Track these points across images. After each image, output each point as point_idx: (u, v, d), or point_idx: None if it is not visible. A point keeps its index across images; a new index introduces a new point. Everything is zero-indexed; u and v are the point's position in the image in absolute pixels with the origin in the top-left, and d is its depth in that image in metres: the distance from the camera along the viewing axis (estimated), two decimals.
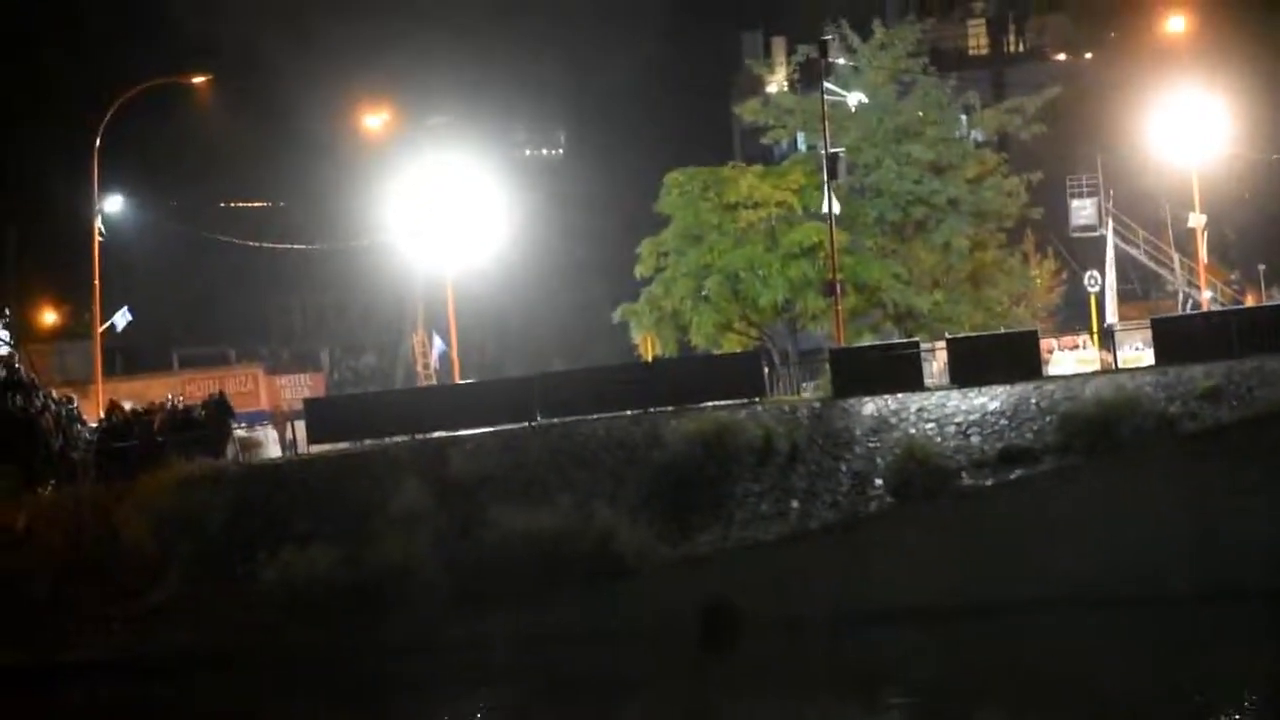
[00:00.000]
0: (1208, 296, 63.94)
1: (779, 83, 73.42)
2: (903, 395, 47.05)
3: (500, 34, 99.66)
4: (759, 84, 71.66)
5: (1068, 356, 54.52)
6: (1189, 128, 60.33)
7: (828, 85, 54.34)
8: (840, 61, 57.29)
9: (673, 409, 48.14)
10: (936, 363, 51.26)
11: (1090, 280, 63.82)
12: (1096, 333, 58.70)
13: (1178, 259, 67.17)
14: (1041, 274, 66.45)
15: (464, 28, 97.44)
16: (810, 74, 58.00)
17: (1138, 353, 51.73)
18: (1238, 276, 71.97)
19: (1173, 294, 68.31)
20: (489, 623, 43.09)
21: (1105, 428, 43.84)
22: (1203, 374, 45.16)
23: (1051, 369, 51.26)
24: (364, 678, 42.58)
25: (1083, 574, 41.53)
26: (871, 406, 46.87)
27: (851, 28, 59.62)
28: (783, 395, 52.07)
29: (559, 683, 40.89)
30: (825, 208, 52.61)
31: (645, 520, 44.99)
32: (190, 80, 65.36)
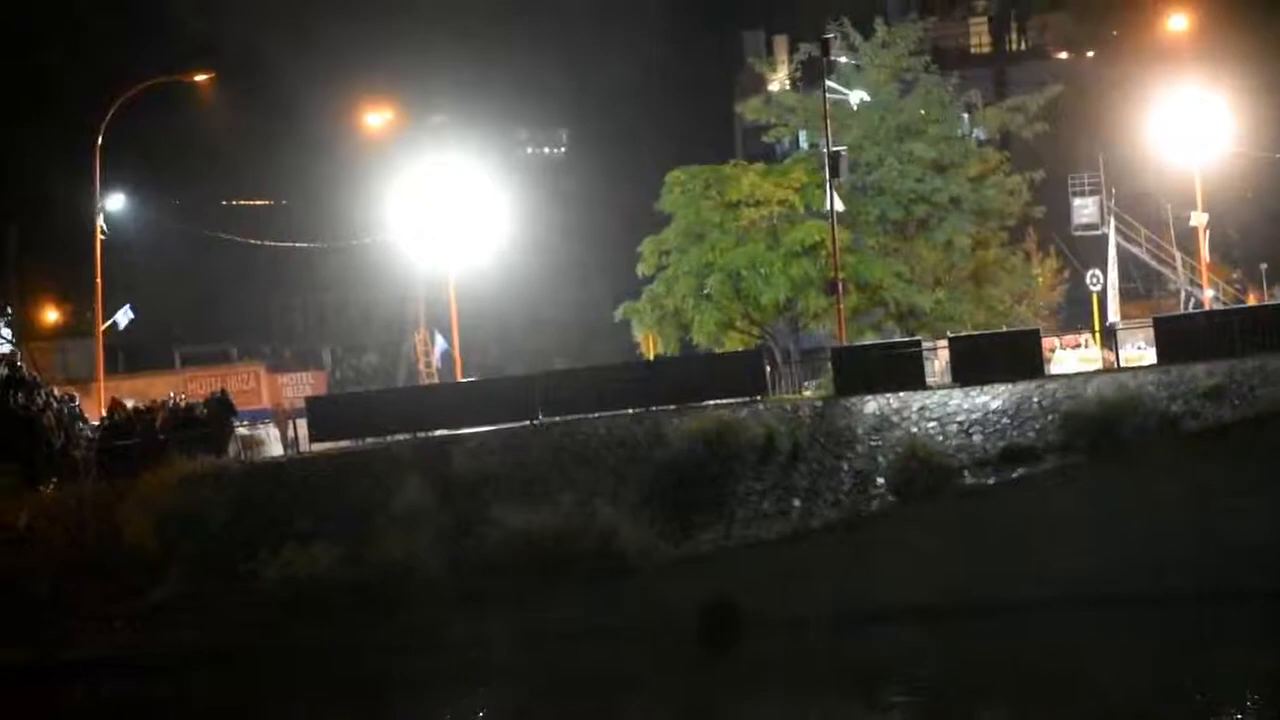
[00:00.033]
0: (1210, 295, 63.92)
1: (781, 81, 73.38)
2: (905, 394, 47.05)
3: (502, 33, 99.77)
4: (761, 82, 71.61)
5: (1070, 355, 54.44)
6: (1191, 126, 60.33)
7: (829, 83, 54.33)
8: (842, 60, 57.24)
9: (674, 407, 48.14)
10: (938, 361, 51.22)
11: (1092, 279, 63.81)
12: (1098, 331, 58.65)
13: (1180, 257, 67.14)
14: (1043, 273, 66.47)
15: (466, 27, 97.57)
16: (812, 72, 57.95)
17: (1140, 351, 51.72)
18: (1240, 275, 72.02)
19: (1175, 293, 68.30)
20: (491, 621, 43.09)
21: (1107, 427, 43.82)
22: (1205, 373, 45.13)
23: (1053, 368, 51.23)
24: (366, 676, 42.58)
25: (1084, 573, 41.53)
26: (873, 405, 46.87)
27: (853, 26, 59.52)
28: (784, 394, 52.03)
29: (561, 681, 40.89)
30: (828, 206, 52.57)
31: (647, 519, 45.00)
32: (192, 79, 65.32)
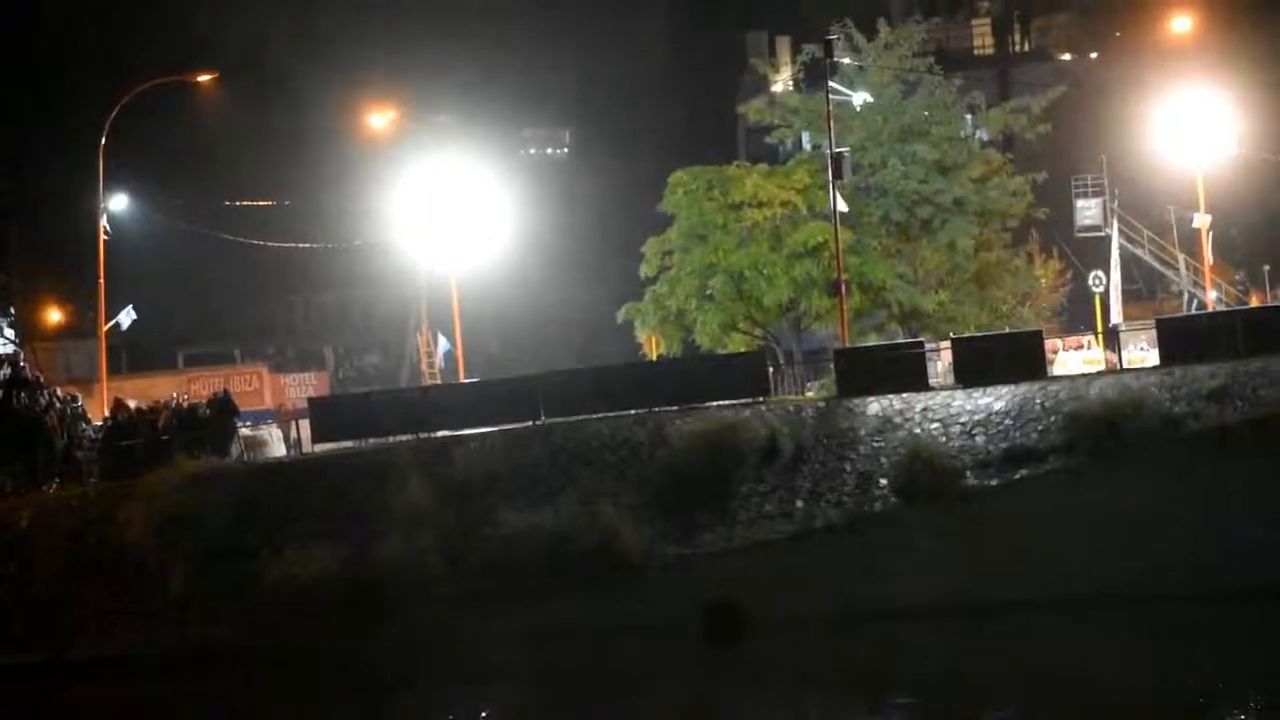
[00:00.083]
0: (1212, 296, 63.88)
1: (784, 82, 73.40)
2: (907, 395, 47.00)
3: (506, 33, 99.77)
4: (764, 83, 71.57)
5: (1073, 357, 54.39)
6: (1194, 127, 60.26)
7: (833, 85, 54.29)
8: (845, 61, 57.20)
9: (677, 408, 48.04)
10: (941, 363, 51.20)
11: (1095, 280, 63.82)
12: (1101, 333, 58.64)
13: (1182, 259, 67.13)
14: (1046, 274, 66.43)
15: (470, 27, 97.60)
16: (815, 73, 57.86)
17: (1142, 353, 51.68)
18: (1242, 276, 72.01)
19: (1177, 294, 68.29)
20: (493, 621, 43.10)
21: (1110, 428, 43.77)
22: (1208, 374, 45.08)
23: (1056, 369, 51.18)
24: (368, 676, 42.58)
25: (1087, 574, 41.49)
26: (876, 406, 46.83)
27: (857, 27, 59.50)
28: (787, 395, 51.99)
29: (563, 681, 40.89)
30: (831, 207, 52.55)
31: (649, 519, 44.96)
32: (195, 78, 65.34)
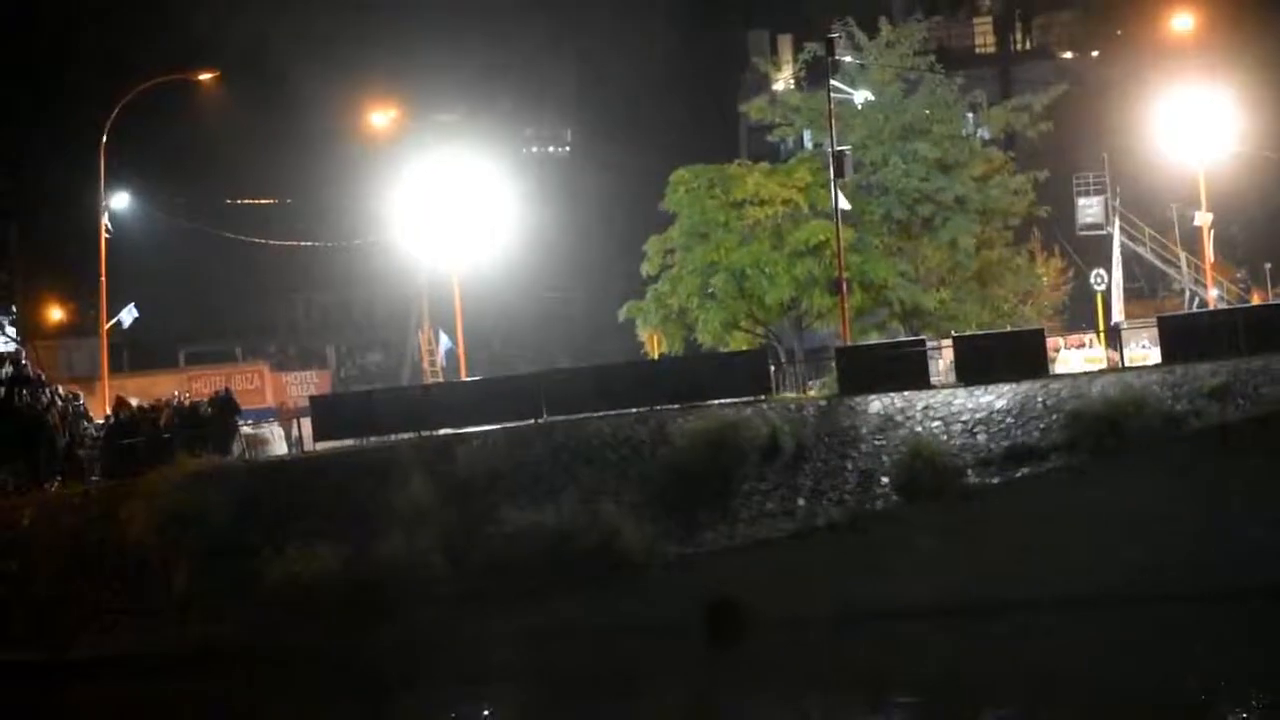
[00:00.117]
0: (1214, 294, 63.87)
1: (785, 81, 73.42)
2: (909, 393, 46.98)
3: (508, 32, 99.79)
4: (765, 82, 71.59)
5: (1074, 355, 54.37)
6: (1195, 125, 60.28)
7: (834, 83, 54.25)
8: (847, 59, 57.17)
9: (679, 407, 48.04)
10: (943, 361, 51.18)
11: (1096, 278, 63.81)
12: (1103, 331, 58.62)
13: (1184, 257, 67.12)
14: (1048, 272, 66.39)
15: (471, 25, 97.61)
16: (816, 72, 57.82)
17: (1144, 351, 51.63)
18: (1244, 274, 71.98)
19: (1179, 292, 68.30)
20: (494, 621, 43.09)
21: (1112, 426, 43.75)
22: (1209, 372, 45.06)
23: (1058, 367, 51.16)
24: (370, 675, 42.57)
25: (1089, 573, 41.46)
26: (878, 404, 46.82)
27: (858, 26, 59.47)
28: (789, 393, 51.96)
29: (564, 681, 40.87)
30: (833, 205, 52.53)
31: (651, 518, 44.95)
32: (197, 77, 65.35)
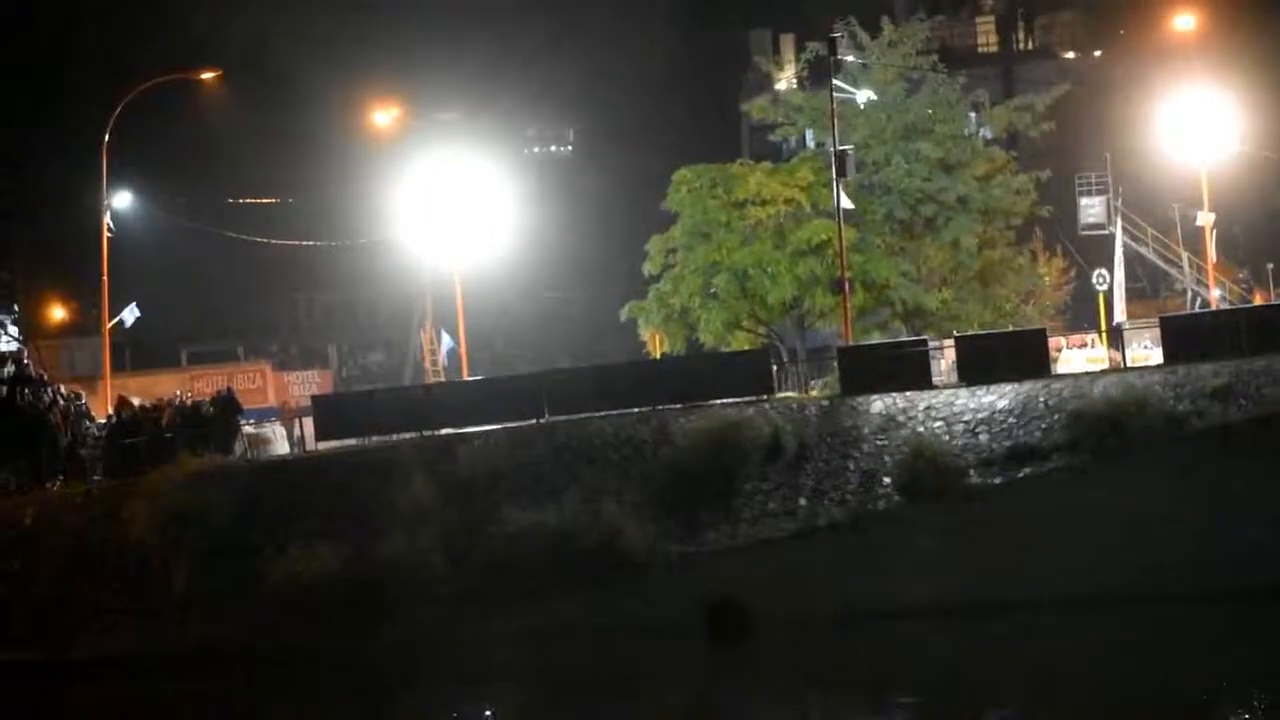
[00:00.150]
0: (1216, 295, 63.83)
1: (788, 80, 73.34)
2: (911, 393, 46.95)
3: (510, 31, 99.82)
4: (768, 81, 71.58)
5: (1076, 355, 54.38)
6: (1198, 125, 60.24)
7: (836, 83, 54.19)
8: (849, 59, 57.09)
9: (680, 406, 48.03)
10: (945, 361, 51.17)
11: (1098, 278, 63.75)
12: (1105, 331, 58.61)
13: (1186, 257, 67.07)
14: (1050, 272, 66.39)
15: (474, 24, 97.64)
16: (819, 71, 57.72)
17: (1146, 351, 51.65)
18: (1246, 275, 71.92)
19: (1181, 292, 68.25)
20: (494, 621, 43.07)
21: (1114, 426, 43.74)
22: (1211, 373, 45.05)
23: (1060, 367, 51.15)
24: (370, 675, 42.56)
25: (1090, 573, 41.42)
26: (880, 404, 46.80)
27: (860, 25, 59.46)
28: (791, 393, 51.97)
29: (565, 681, 40.86)
30: (835, 205, 52.51)
31: (652, 517, 44.92)
32: (199, 76, 65.35)
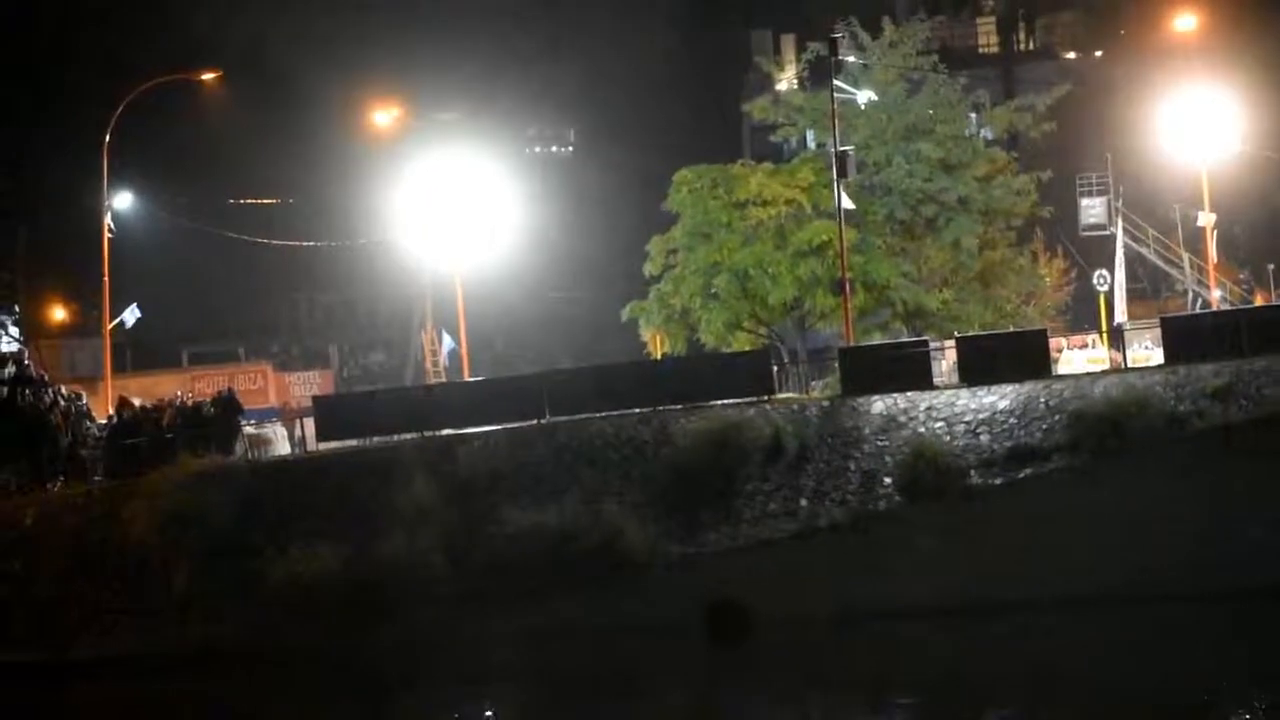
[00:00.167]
0: (1217, 295, 63.84)
1: (788, 80, 73.37)
2: (912, 394, 46.95)
3: (511, 31, 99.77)
4: (768, 82, 71.58)
5: (1077, 355, 54.38)
6: (1199, 126, 60.24)
7: (837, 83, 54.18)
8: (850, 59, 57.08)
9: (681, 407, 48.04)
10: (945, 361, 51.17)
11: (1099, 279, 63.75)
12: (1106, 332, 58.62)
13: (1187, 258, 67.07)
14: (1051, 273, 66.39)
15: (475, 24, 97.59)
16: (820, 72, 57.72)
17: (1147, 352, 51.65)
18: (1247, 275, 71.91)
19: (1182, 293, 68.26)
20: (495, 621, 43.08)
21: (1114, 427, 43.74)
22: (1212, 373, 45.04)
23: (1061, 368, 51.17)
24: (370, 675, 42.57)
25: (1091, 573, 41.43)
26: (880, 405, 46.80)
27: (861, 25, 59.47)
28: (791, 393, 51.97)
29: (565, 681, 40.86)
30: (836, 205, 52.52)
31: (653, 518, 44.95)
32: (200, 76, 65.36)
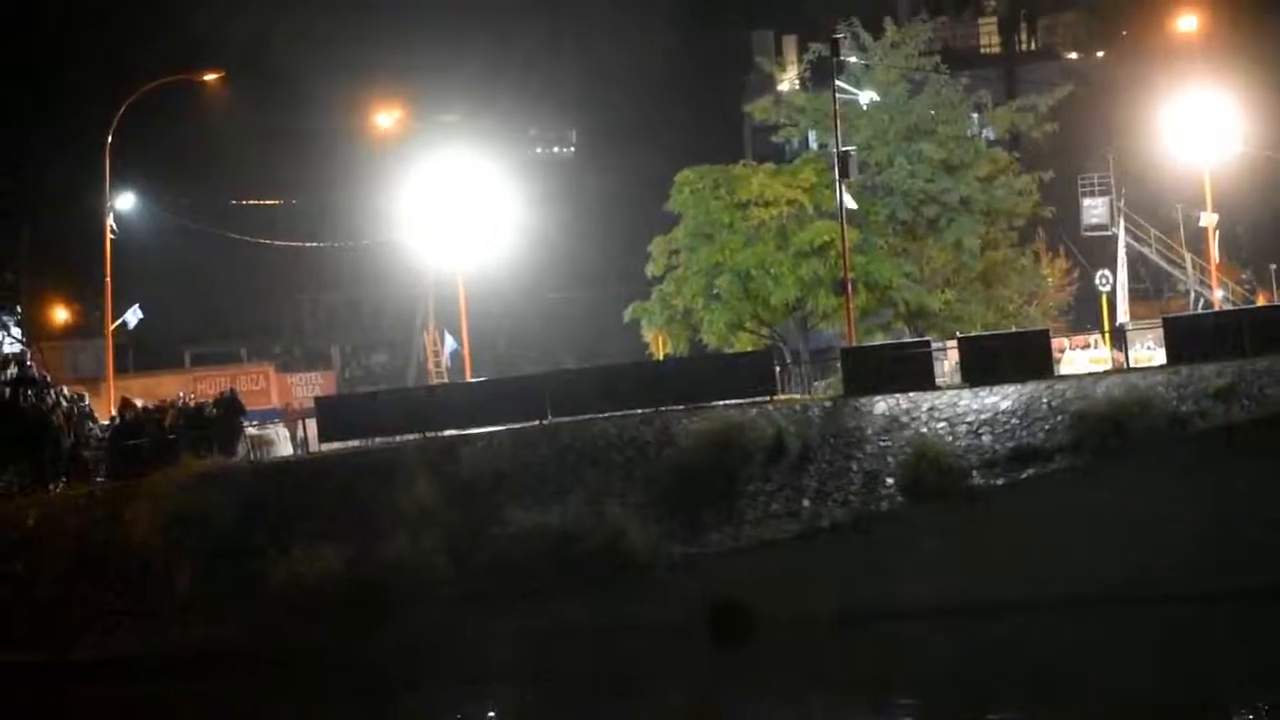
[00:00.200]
0: (1219, 295, 63.81)
1: (790, 81, 73.36)
2: (914, 394, 46.97)
3: (512, 32, 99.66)
4: (770, 82, 71.55)
5: (1079, 356, 54.36)
6: (1201, 126, 60.22)
7: (839, 84, 54.17)
8: (852, 60, 57.08)
9: (684, 408, 48.08)
10: (948, 362, 51.20)
11: (1101, 279, 63.68)
12: (1108, 332, 58.60)
13: (1189, 258, 67.03)
14: (1053, 273, 66.34)
15: (476, 25, 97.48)
16: (821, 72, 57.70)
17: (1149, 352, 51.64)
18: (1249, 275, 71.83)
19: (1184, 293, 68.20)
20: (499, 621, 43.10)
21: (1117, 427, 43.76)
22: (1215, 373, 45.06)
23: (1063, 368, 51.14)
24: (374, 677, 42.58)
25: (1093, 574, 41.43)
26: (883, 405, 46.81)
27: (863, 26, 59.47)
28: (794, 394, 51.99)
29: (568, 682, 40.89)
30: (838, 206, 52.53)
31: (656, 518, 44.98)
32: (202, 77, 65.37)
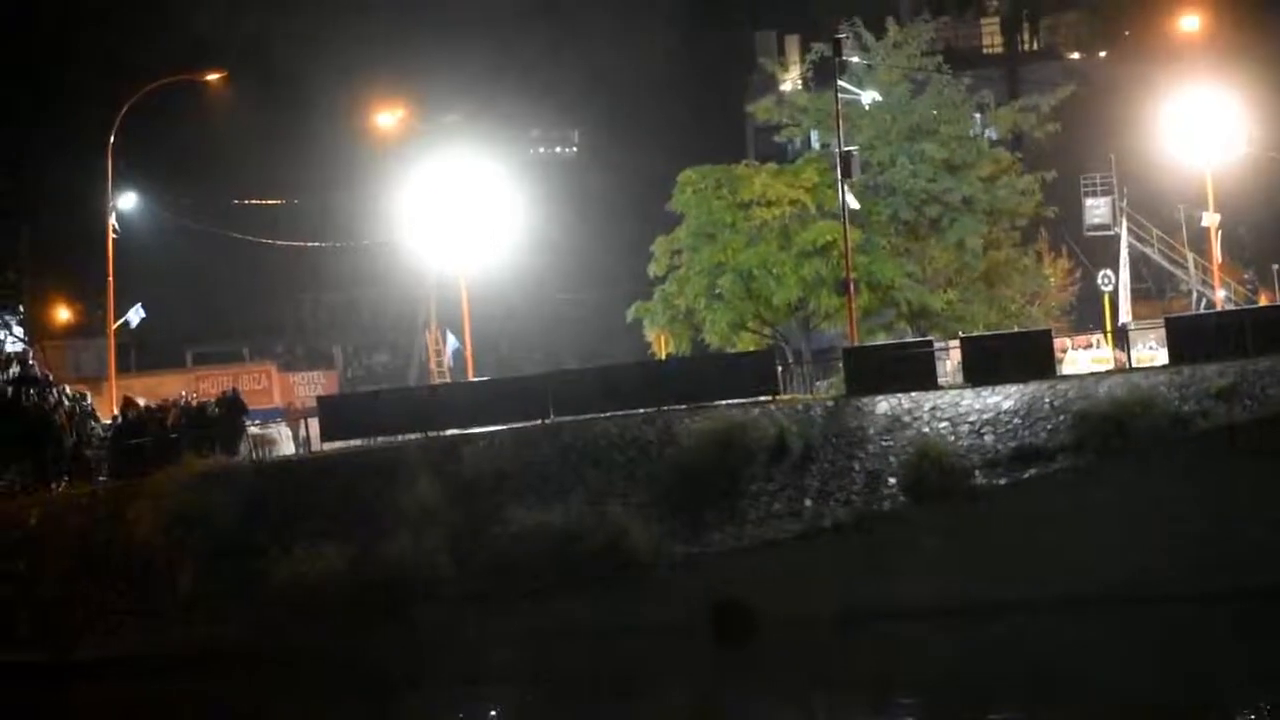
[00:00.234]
0: (1221, 295, 63.81)
1: (793, 81, 73.35)
2: (916, 394, 46.96)
3: (515, 32, 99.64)
4: (772, 82, 71.53)
5: (1081, 356, 54.35)
6: (1203, 126, 60.20)
7: (841, 83, 54.17)
8: (854, 60, 57.06)
9: (686, 407, 48.07)
10: (950, 362, 51.20)
11: (1104, 279, 63.66)
12: (1110, 332, 58.60)
13: (1191, 258, 67.01)
14: (1055, 273, 66.32)
15: (479, 25, 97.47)
16: (824, 72, 57.77)
17: (1151, 352, 51.63)
18: (1251, 275, 71.79)
19: (1187, 293, 68.17)
20: (501, 620, 43.12)
21: (1119, 427, 43.76)
22: (1217, 373, 45.04)
23: (1065, 368, 51.13)
24: (375, 676, 42.59)
25: (1095, 573, 41.45)
26: (885, 405, 46.80)
27: (865, 26, 59.48)
28: (796, 394, 51.98)
29: (571, 680, 40.92)
30: (840, 206, 52.53)
31: (658, 518, 44.98)
32: (205, 77, 65.39)
